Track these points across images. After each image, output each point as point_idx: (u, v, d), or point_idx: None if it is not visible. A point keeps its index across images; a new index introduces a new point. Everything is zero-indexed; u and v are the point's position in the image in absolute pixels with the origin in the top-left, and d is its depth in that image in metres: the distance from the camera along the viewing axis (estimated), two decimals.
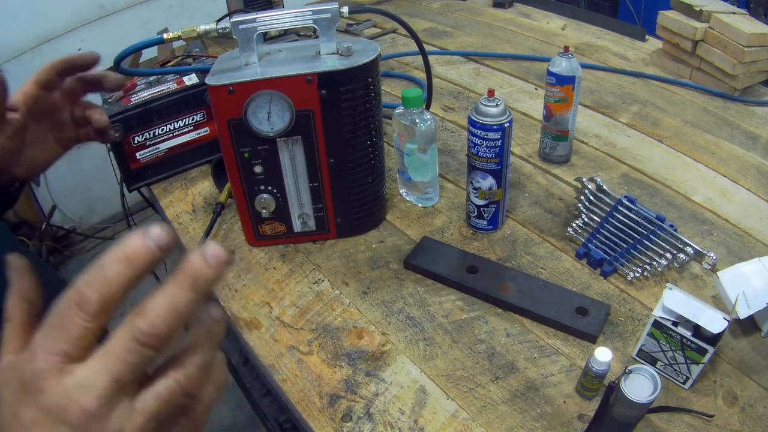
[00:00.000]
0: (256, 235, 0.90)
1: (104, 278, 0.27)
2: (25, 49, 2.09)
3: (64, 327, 0.27)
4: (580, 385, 0.65)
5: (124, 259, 0.27)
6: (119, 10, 2.24)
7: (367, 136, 0.83)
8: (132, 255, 0.27)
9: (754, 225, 0.88)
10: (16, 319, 0.31)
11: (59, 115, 0.60)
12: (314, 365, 0.72)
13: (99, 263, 0.28)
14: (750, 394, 0.65)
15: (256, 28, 0.74)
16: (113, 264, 0.27)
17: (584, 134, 1.12)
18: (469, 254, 0.85)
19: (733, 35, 1.14)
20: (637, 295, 0.78)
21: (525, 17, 1.71)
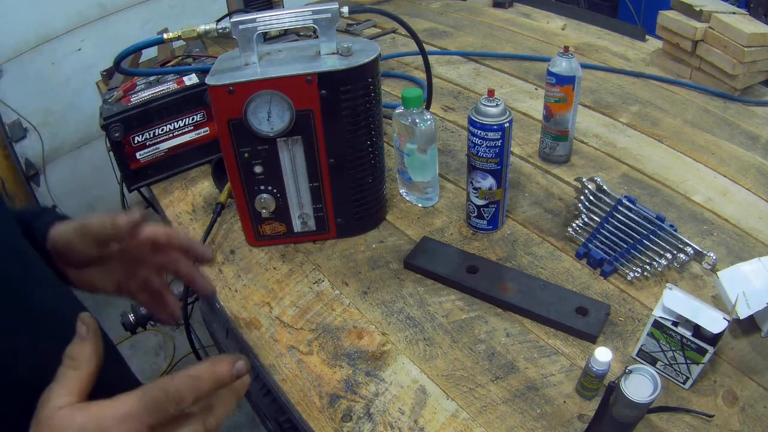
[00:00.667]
0: (256, 235, 0.90)
1: (199, 389, 0.38)
2: (25, 49, 2.09)
3: (162, 411, 0.36)
4: (580, 385, 0.65)
5: (214, 380, 0.38)
6: (119, 10, 2.24)
7: (367, 136, 0.83)
8: (221, 379, 0.38)
9: (754, 225, 0.88)
10: (85, 369, 0.38)
11: (138, 269, 0.61)
12: (314, 365, 0.72)
13: (197, 373, 0.38)
14: (750, 394, 0.65)
15: (256, 28, 0.74)
16: (207, 381, 0.38)
17: (584, 134, 1.12)
18: (469, 254, 0.85)
19: (733, 35, 1.14)
20: (637, 295, 0.78)
21: (525, 17, 1.71)
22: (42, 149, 2.26)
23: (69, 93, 2.24)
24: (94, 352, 0.39)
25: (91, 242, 0.55)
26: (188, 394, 0.37)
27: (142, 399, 0.36)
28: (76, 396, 0.37)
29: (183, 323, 0.91)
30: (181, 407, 0.37)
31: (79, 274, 0.59)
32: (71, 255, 0.56)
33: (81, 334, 0.39)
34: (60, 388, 0.37)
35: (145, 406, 0.36)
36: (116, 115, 0.99)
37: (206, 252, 0.62)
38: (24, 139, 2.22)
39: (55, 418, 0.35)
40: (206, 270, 0.89)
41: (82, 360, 0.38)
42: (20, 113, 2.15)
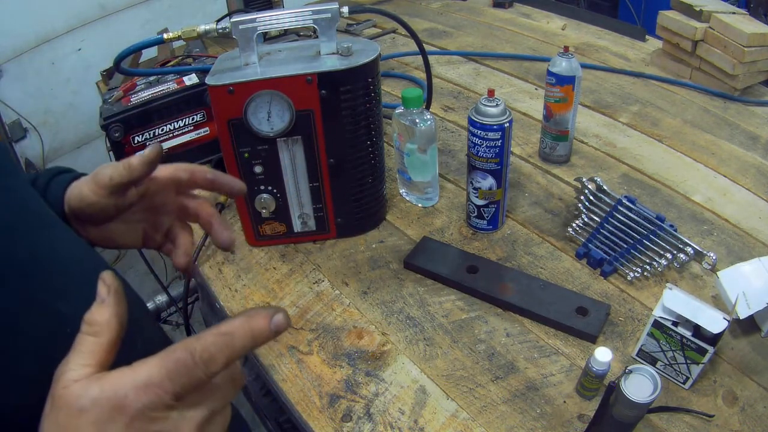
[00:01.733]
0: (256, 235, 0.89)
1: (232, 347, 0.32)
2: (25, 49, 2.09)
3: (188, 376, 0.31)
4: (580, 385, 0.65)
5: (250, 336, 0.33)
6: (119, 10, 2.24)
7: (367, 136, 0.83)
8: (257, 334, 0.33)
9: (754, 225, 0.88)
10: (106, 336, 0.33)
11: (161, 216, 0.56)
12: (314, 365, 0.72)
13: (228, 329, 0.32)
14: (750, 394, 0.65)
15: (256, 28, 0.74)
16: (241, 337, 0.33)
17: (584, 134, 1.12)
18: (469, 254, 0.85)
19: (733, 35, 1.14)
20: (637, 295, 0.78)
21: (525, 17, 1.71)
22: (42, 149, 2.26)
23: (69, 93, 2.25)
24: (115, 315, 0.34)
25: (105, 192, 0.50)
26: (219, 354, 0.32)
27: (164, 363, 0.31)
28: (94, 366, 0.32)
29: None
30: (211, 371, 0.32)
31: (100, 232, 0.54)
32: (88, 210, 0.52)
33: (101, 295, 0.34)
34: (77, 357, 0.32)
35: (168, 370, 0.31)
36: (116, 115, 0.99)
37: (234, 182, 0.55)
38: (24, 139, 2.23)
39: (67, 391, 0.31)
40: (206, 270, 0.89)
41: (101, 325, 0.33)
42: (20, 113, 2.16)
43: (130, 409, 0.30)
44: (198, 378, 0.31)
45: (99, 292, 0.34)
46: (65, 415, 0.31)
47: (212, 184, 0.55)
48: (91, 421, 0.30)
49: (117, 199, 0.51)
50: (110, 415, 0.30)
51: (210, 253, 0.91)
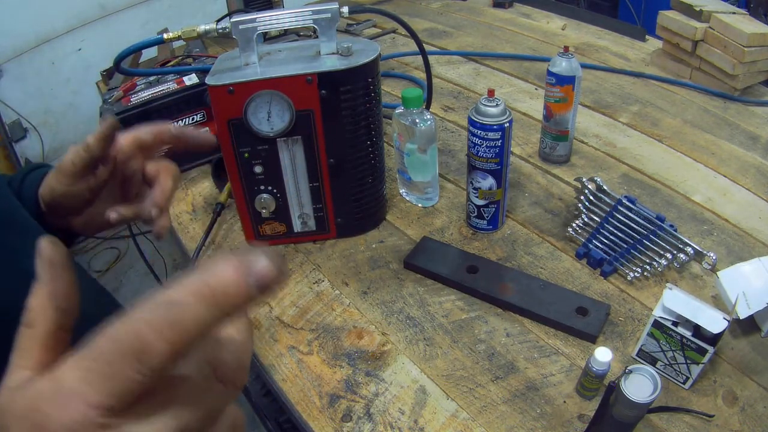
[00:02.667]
0: (256, 235, 0.89)
1: (179, 323, 0.20)
2: (25, 49, 2.09)
3: (113, 377, 0.21)
4: (580, 385, 0.65)
5: (209, 298, 0.20)
6: (119, 10, 2.24)
7: (367, 136, 0.83)
8: (221, 294, 0.21)
9: (754, 225, 0.88)
10: (41, 326, 0.25)
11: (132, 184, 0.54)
12: (314, 365, 0.72)
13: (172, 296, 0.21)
14: (750, 394, 0.65)
15: (256, 28, 0.74)
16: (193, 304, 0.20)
17: (584, 134, 1.12)
18: (469, 254, 0.85)
19: (733, 35, 1.14)
20: (637, 295, 0.78)
21: (525, 17, 1.71)
22: (42, 149, 2.26)
23: (69, 93, 2.25)
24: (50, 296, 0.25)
25: (72, 179, 0.48)
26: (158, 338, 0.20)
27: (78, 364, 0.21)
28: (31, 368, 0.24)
29: None
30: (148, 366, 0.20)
31: (83, 218, 0.53)
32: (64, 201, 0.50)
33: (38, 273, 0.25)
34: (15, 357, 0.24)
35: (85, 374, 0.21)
36: (116, 115, 0.99)
37: (201, 135, 0.52)
38: (24, 139, 2.23)
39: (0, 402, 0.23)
40: None
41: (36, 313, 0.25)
42: (20, 113, 2.16)
43: None
44: (132, 379, 0.21)
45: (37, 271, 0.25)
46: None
47: (178, 139, 0.52)
48: None
49: (88, 181, 0.50)
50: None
51: (210, 254, 0.91)
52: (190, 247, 0.92)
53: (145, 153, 0.53)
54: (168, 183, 0.51)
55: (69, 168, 0.48)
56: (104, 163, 0.50)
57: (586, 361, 0.62)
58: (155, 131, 0.52)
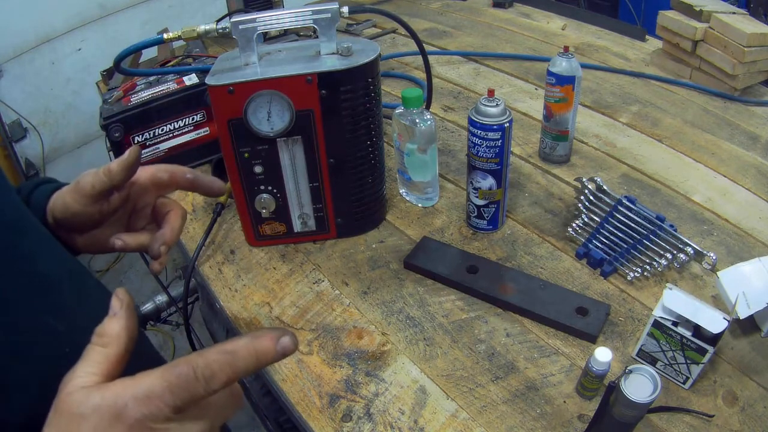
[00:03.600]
0: (256, 235, 0.90)
1: (235, 367, 0.33)
2: (25, 49, 2.09)
3: (188, 390, 0.32)
4: (580, 385, 0.65)
5: (254, 357, 0.33)
6: (119, 10, 2.24)
7: (367, 136, 0.83)
8: (262, 356, 0.33)
9: (754, 225, 0.88)
10: (114, 348, 0.34)
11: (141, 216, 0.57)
12: (314, 365, 0.72)
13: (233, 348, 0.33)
14: (750, 394, 0.65)
15: (256, 28, 0.74)
16: (245, 357, 0.33)
17: (584, 134, 1.12)
18: (469, 254, 0.85)
19: (733, 35, 1.14)
20: (637, 295, 0.78)
21: (525, 17, 1.71)
22: (42, 149, 2.26)
23: (69, 93, 2.25)
24: (126, 329, 0.35)
25: (88, 200, 0.51)
26: (221, 372, 0.32)
27: (166, 377, 0.32)
28: (101, 376, 0.33)
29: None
30: (211, 388, 0.32)
31: (86, 239, 0.55)
32: (74, 219, 0.52)
33: (114, 309, 0.35)
34: (85, 366, 0.33)
35: (169, 384, 0.31)
36: (116, 115, 0.99)
37: (214, 181, 0.56)
38: (24, 139, 2.23)
39: (70, 397, 0.32)
40: (206, 270, 0.89)
41: (111, 337, 0.34)
42: (20, 113, 2.16)
43: (129, 418, 0.31)
44: (198, 394, 0.32)
45: (112, 306, 0.35)
46: (66, 420, 0.31)
47: (192, 184, 0.55)
48: (91, 427, 0.31)
49: (101, 205, 0.52)
50: (109, 422, 0.31)
51: (210, 253, 0.91)
52: (190, 247, 0.92)
53: (158, 190, 0.56)
54: (177, 224, 0.55)
55: (88, 190, 0.50)
56: (119, 191, 0.52)
57: (586, 361, 0.62)
58: (172, 172, 0.55)
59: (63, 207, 0.52)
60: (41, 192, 0.55)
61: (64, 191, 0.53)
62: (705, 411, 0.62)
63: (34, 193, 0.55)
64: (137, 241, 0.54)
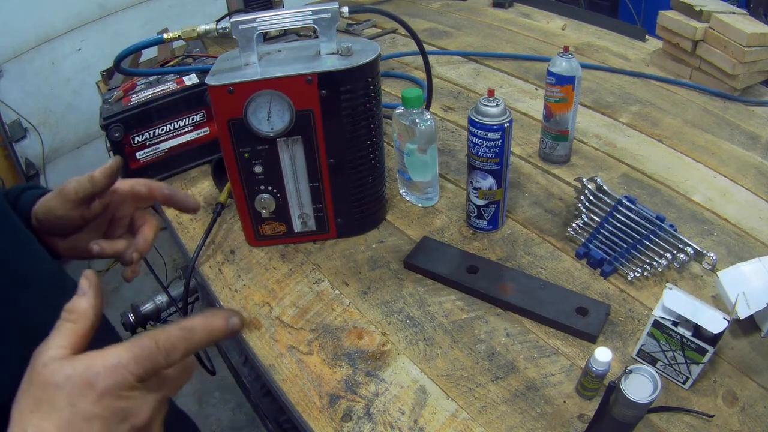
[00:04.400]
0: (256, 235, 0.90)
1: (191, 340, 0.37)
2: (25, 48, 2.09)
3: (151, 361, 0.36)
4: (580, 385, 0.65)
5: (208, 333, 0.38)
6: (119, 10, 2.24)
7: (367, 136, 0.83)
8: (214, 332, 0.38)
9: (754, 225, 0.88)
10: (82, 323, 0.37)
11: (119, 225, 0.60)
12: (314, 365, 0.72)
13: (190, 324, 0.38)
14: (750, 394, 0.65)
15: (256, 28, 0.74)
16: (200, 334, 0.38)
17: (584, 134, 1.12)
18: (469, 254, 0.85)
19: (733, 35, 1.14)
20: (637, 295, 0.78)
21: (525, 17, 1.71)
22: (42, 149, 2.26)
23: (69, 93, 2.25)
24: (93, 306, 0.38)
25: (71, 205, 0.54)
26: (179, 345, 0.37)
27: (131, 349, 0.35)
28: (70, 348, 0.36)
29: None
30: (171, 358, 0.36)
31: (67, 243, 0.58)
32: (55, 223, 0.55)
33: (82, 288, 0.39)
34: (56, 339, 0.36)
35: (134, 355, 0.35)
36: (116, 115, 0.99)
37: (188, 200, 0.59)
38: (24, 139, 2.23)
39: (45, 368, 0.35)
40: (206, 270, 0.89)
41: (79, 314, 0.38)
42: (20, 113, 2.16)
43: (99, 386, 0.34)
44: (160, 364, 0.36)
45: (81, 285, 0.39)
46: (41, 389, 0.34)
47: (168, 199, 0.59)
48: (64, 395, 0.34)
49: (83, 211, 0.55)
50: (81, 390, 0.34)
51: (210, 253, 0.91)
52: (190, 247, 0.92)
53: (136, 201, 0.59)
54: (150, 236, 0.59)
55: (71, 195, 0.53)
56: (101, 197, 0.56)
57: (586, 361, 0.62)
58: (150, 186, 0.58)
59: (46, 210, 0.55)
60: (28, 196, 0.58)
61: (49, 196, 0.56)
62: (705, 411, 0.62)
63: (21, 196, 0.58)
64: (113, 248, 0.57)
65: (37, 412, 0.34)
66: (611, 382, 0.56)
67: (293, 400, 0.68)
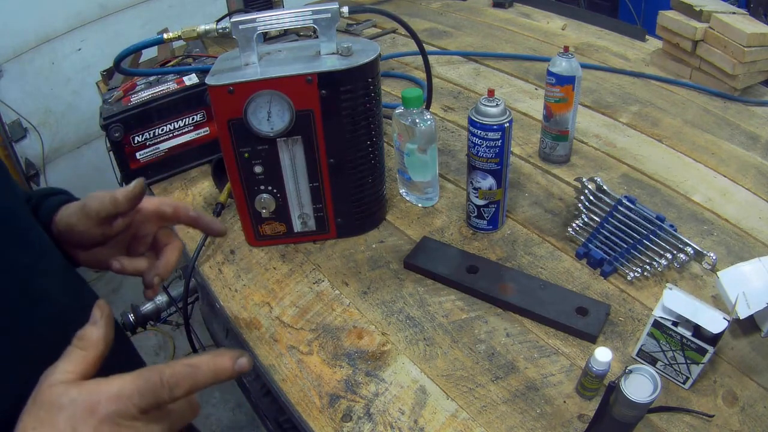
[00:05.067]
0: (256, 235, 0.89)
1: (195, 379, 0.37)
2: (25, 48, 2.09)
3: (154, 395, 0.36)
4: (580, 385, 0.65)
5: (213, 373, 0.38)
6: (119, 10, 2.24)
7: (367, 136, 0.83)
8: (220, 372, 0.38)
9: (754, 225, 0.88)
10: (93, 352, 0.38)
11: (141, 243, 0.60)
12: (314, 365, 0.72)
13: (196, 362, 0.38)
14: (750, 394, 0.65)
15: (256, 28, 0.74)
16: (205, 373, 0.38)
17: (584, 134, 1.12)
18: (469, 254, 0.85)
19: (733, 35, 1.14)
20: (637, 295, 0.78)
21: (525, 17, 1.71)
22: (42, 149, 2.26)
23: (69, 93, 2.24)
24: (103, 336, 0.39)
25: (93, 223, 0.54)
26: (184, 382, 0.37)
27: (135, 381, 0.36)
28: (78, 374, 0.37)
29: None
30: (174, 395, 0.37)
31: (87, 255, 0.58)
32: (76, 237, 0.55)
33: (95, 317, 0.39)
34: (65, 364, 0.37)
35: (138, 387, 0.36)
36: (116, 115, 0.99)
37: (215, 223, 0.60)
38: (24, 139, 2.23)
39: (51, 389, 0.36)
40: (206, 270, 0.89)
41: (90, 342, 0.38)
42: (20, 113, 2.15)
43: (100, 413, 0.35)
44: (162, 398, 0.36)
45: (93, 315, 0.40)
46: (45, 410, 0.35)
47: (194, 222, 0.59)
48: (66, 417, 0.34)
49: (105, 228, 0.55)
50: (82, 414, 0.35)
51: (210, 253, 0.91)
52: (190, 247, 0.92)
53: (161, 221, 0.59)
54: (173, 259, 0.59)
55: (93, 215, 0.53)
56: (124, 217, 0.55)
57: (586, 361, 0.62)
58: (176, 207, 0.58)
59: (68, 225, 0.55)
60: (49, 204, 0.57)
61: (72, 209, 0.56)
62: (705, 411, 0.62)
63: (42, 204, 0.58)
64: (134, 267, 0.58)
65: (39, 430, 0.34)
66: (611, 382, 0.56)
67: (293, 400, 0.68)
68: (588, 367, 0.62)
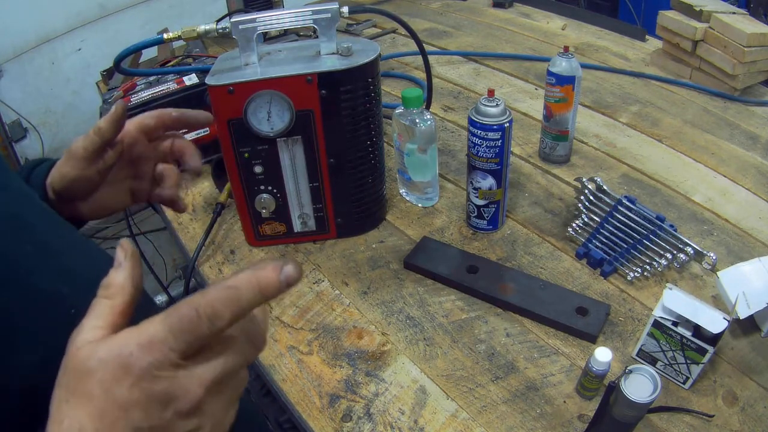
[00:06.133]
0: (256, 235, 0.89)
1: (238, 301, 0.30)
2: (25, 49, 2.08)
3: (192, 332, 0.30)
4: (580, 385, 0.65)
5: (257, 289, 0.30)
6: (119, 10, 2.24)
7: (367, 136, 0.83)
8: (265, 286, 0.30)
9: (754, 225, 0.88)
10: (120, 298, 0.32)
11: (143, 166, 0.59)
12: (314, 365, 0.72)
13: (234, 284, 0.30)
14: (750, 394, 0.65)
15: (256, 28, 0.74)
16: (248, 290, 0.30)
17: (584, 134, 1.12)
18: (469, 254, 0.85)
19: (733, 35, 1.14)
20: (637, 295, 0.78)
21: (525, 17, 1.71)
22: (42, 149, 2.25)
23: (69, 93, 2.24)
24: (129, 278, 0.33)
25: (84, 163, 0.52)
26: (224, 308, 0.30)
27: (166, 320, 0.30)
28: (107, 329, 0.31)
29: None
30: (216, 326, 0.30)
31: (90, 204, 0.56)
32: (73, 187, 0.53)
33: (119, 259, 0.34)
34: (91, 320, 0.32)
35: (171, 327, 0.29)
36: None
37: (200, 113, 0.58)
38: (24, 139, 2.22)
39: (78, 352, 0.30)
40: (206, 270, 0.89)
41: (116, 288, 0.33)
42: (20, 113, 2.15)
43: (135, 368, 0.29)
44: (203, 334, 0.30)
45: (117, 257, 0.34)
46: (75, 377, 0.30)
47: (179, 122, 0.58)
48: (98, 381, 0.29)
49: (97, 165, 0.53)
50: (115, 375, 0.29)
51: (210, 253, 0.91)
52: (190, 247, 0.92)
53: (149, 136, 0.58)
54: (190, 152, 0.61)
55: (81, 153, 0.52)
56: (112, 147, 0.54)
57: (586, 361, 0.62)
58: (157, 115, 0.56)
59: (60, 177, 0.53)
60: (39, 171, 0.56)
61: (59, 163, 0.54)
62: (705, 411, 0.62)
63: (32, 174, 0.56)
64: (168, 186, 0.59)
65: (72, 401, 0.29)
66: (611, 382, 0.56)
67: (293, 400, 0.68)
68: (588, 367, 0.62)
